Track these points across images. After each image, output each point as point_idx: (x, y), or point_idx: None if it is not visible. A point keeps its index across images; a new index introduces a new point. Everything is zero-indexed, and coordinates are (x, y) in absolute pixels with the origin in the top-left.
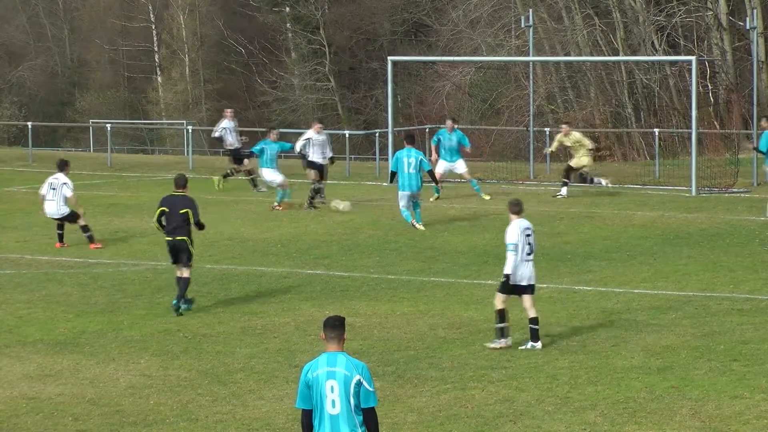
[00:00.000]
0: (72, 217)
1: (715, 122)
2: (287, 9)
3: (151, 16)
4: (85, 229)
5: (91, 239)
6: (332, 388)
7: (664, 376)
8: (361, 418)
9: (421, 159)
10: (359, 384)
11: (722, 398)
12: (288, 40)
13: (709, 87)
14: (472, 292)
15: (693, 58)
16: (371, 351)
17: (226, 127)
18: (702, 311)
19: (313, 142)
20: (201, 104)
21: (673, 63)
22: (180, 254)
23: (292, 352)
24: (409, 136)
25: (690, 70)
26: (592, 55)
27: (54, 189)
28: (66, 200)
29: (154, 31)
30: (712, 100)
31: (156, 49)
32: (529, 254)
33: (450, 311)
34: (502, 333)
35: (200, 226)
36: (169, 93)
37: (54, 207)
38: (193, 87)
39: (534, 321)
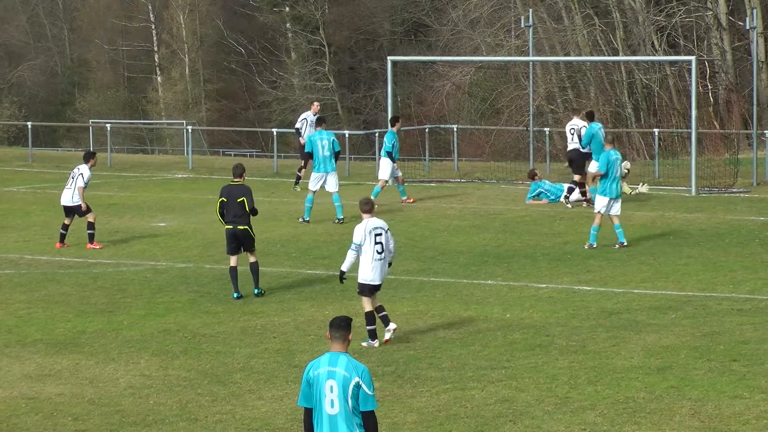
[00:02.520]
0: (81, 211)
1: (715, 122)
2: (287, 9)
3: (151, 16)
4: (90, 226)
5: (91, 238)
6: (331, 388)
7: (664, 376)
8: (360, 419)
9: (333, 140)
10: (358, 386)
11: (722, 398)
12: (288, 40)
13: (709, 87)
14: (472, 292)
15: (693, 58)
16: (371, 351)
17: (306, 118)
18: (702, 311)
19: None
20: (201, 104)
21: (672, 63)
22: (243, 242)
23: (292, 352)
24: (320, 119)
25: (690, 70)
26: (591, 55)
27: (73, 178)
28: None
29: (153, 31)
30: (711, 100)
31: (156, 48)
32: (379, 253)
33: (449, 311)
34: (374, 334)
35: (254, 212)
36: (169, 93)
37: (68, 195)
38: (192, 87)
39: (380, 311)
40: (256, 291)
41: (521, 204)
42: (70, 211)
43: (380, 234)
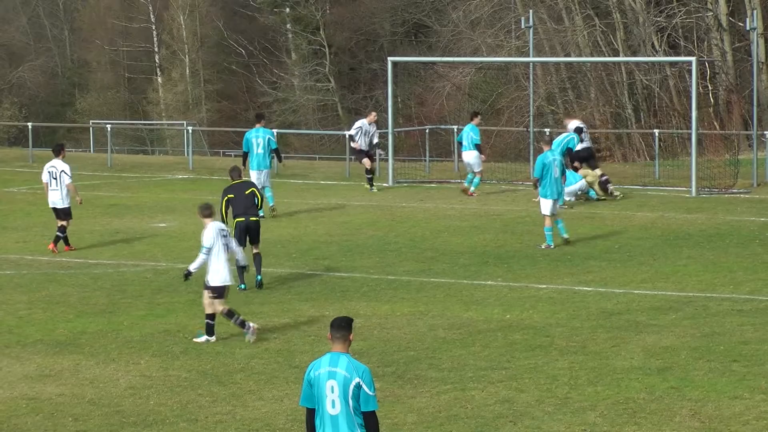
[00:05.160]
0: (68, 213)
1: (715, 123)
2: (287, 10)
3: (151, 16)
4: (62, 229)
5: (65, 241)
6: (332, 388)
7: (664, 377)
8: (361, 419)
9: (269, 138)
10: (359, 387)
11: (722, 399)
12: (288, 41)
13: (709, 88)
14: (472, 293)
15: (693, 58)
16: (371, 351)
17: (361, 127)
18: (702, 312)
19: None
20: (201, 105)
21: (673, 64)
22: (253, 234)
23: (292, 352)
24: (259, 115)
25: (690, 71)
26: (592, 56)
27: (55, 178)
28: (66, 188)
29: (154, 32)
30: (712, 100)
31: (156, 49)
32: (225, 253)
33: (450, 312)
34: (212, 330)
35: (263, 197)
36: (169, 93)
37: (58, 196)
38: (193, 87)
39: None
40: (258, 278)
41: (521, 204)
42: (63, 213)
43: (225, 235)
